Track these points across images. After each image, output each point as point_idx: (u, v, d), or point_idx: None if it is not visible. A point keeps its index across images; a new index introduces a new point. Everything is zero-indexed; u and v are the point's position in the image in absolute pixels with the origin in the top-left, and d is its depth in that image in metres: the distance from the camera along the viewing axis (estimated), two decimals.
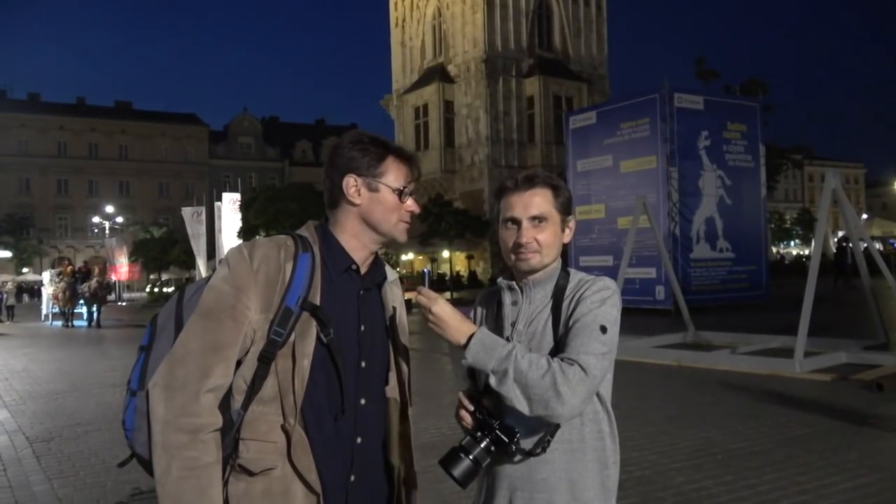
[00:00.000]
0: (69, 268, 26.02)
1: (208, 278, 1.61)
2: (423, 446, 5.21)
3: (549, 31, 44.10)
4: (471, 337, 1.64)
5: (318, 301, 1.56)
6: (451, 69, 43.16)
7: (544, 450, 1.67)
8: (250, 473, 1.52)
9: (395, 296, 1.78)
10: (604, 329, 1.66)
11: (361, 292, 1.67)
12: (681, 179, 19.26)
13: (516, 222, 1.77)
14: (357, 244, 1.67)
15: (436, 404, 7.55)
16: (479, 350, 1.62)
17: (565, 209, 1.82)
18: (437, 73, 43.06)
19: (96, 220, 58.88)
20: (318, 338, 1.55)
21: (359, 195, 1.64)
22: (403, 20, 46.44)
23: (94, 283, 23.22)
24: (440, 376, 10.20)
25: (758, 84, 34.19)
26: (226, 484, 1.52)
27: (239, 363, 1.53)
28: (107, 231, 53.24)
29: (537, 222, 1.77)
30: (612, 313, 1.70)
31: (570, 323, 1.69)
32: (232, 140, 73.28)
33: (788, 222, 66.55)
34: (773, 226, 52.29)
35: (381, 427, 1.69)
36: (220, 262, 1.62)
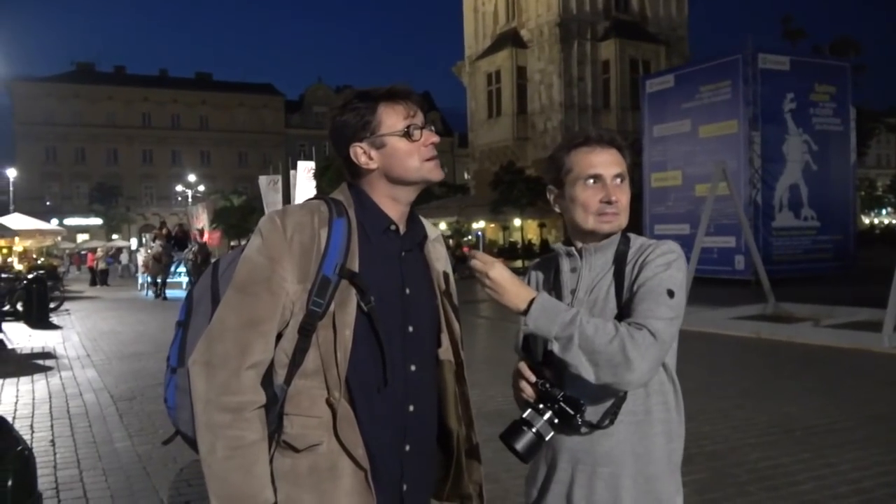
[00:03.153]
0: (164, 230, 23.05)
1: (242, 249, 1.55)
2: (490, 414, 5.21)
3: None
4: (531, 302, 1.55)
5: (356, 267, 1.49)
6: (524, 34, 42.38)
7: (612, 422, 1.60)
8: (295, 450, 1.48)
9: (438, 254, 1.69)
10: (671, 293, 1.57)
11: (403, 254, 1.59)
12: (764, 144, 18.51)
13: (600, 179, 1.67)
14: (391, 202, 1.59)
15: (504, 372, 7.49)
16: (540, 316, 1.53)
17: (630, 172, 1.74)
18: (510, 39, 42.35)
19: (179, 188, 61.03)
20: (359, 306, 1.48)
21: (371, 159, 1.55)
22: None
23: (195, 248, 20.37)
24: (509, 344, 10.16)
25: (849, 43, 32.32)
26: (271, 460, 1.48)
27: (279, 336, 1.48)
28: (189, 199, 55.12)
29: (619, 181, 1.68)
30: (678, 277, 1.61)
31: (635, 288, 1.60)
32: (307, 109, 74.38)
33: (880, 190, 63.28)
34: (862, 193, 49.79)
35: (436, 393, 1.63)
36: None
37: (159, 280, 20.61)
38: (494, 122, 43.41)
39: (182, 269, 21.46)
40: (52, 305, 15.65)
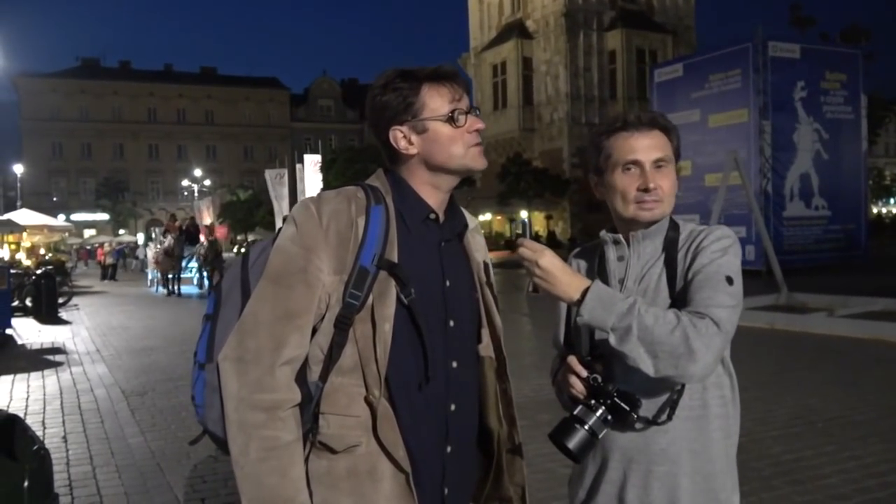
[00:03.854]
0: (175, 222, 22.38)
1: (274, 238, 1.46)
2: None
3: None
4: (585, 291, 1.45)
5: (395, 258, 1.40)
6: (530, 24, 42.20)
7: (670, 417, 1.51)
8: (332, 451, 1.39)
9: (478, 245, 1.59)
10: (730, 280, 1.48)
11: (442, 244, 1.50)
12: (774, 133, 18.36)
13: (639, 165, 1.58)
14: (431, 190, 1.49)
15: (516, 365, 7.41)
16: (596, 306, 1.43)
17: (678, 154, 1.64)
18: (516, 30, 42.19)
19: (185, 183, 61.08)
20: (399, 299, 1.40)
21: (411, 144, 1.45)
22: None
23: (206, 244, 19.61)
24: (519, 337, 10.09)
25: (859, 31, 32.12)
26: (306, 461, 1.40)
27: (314, 331, 1.39)
28: (195, 194, 55.17)
29: (660, 167, 1.59)
30: (735, 263, 1.52)
31: (690, 276, 1.52)
32: (312, 103, 74.38)
33: (888, 179, 62.92)
34: (870, 182, 49.48)
35: (477, 391, 1.55)
36: (285, 219, 1.46)
37: (170, 276, 19.92)
38: (500, 114, 43.25)
39: (193, 264, 21.15)
40: (60, 301, 15.66)
